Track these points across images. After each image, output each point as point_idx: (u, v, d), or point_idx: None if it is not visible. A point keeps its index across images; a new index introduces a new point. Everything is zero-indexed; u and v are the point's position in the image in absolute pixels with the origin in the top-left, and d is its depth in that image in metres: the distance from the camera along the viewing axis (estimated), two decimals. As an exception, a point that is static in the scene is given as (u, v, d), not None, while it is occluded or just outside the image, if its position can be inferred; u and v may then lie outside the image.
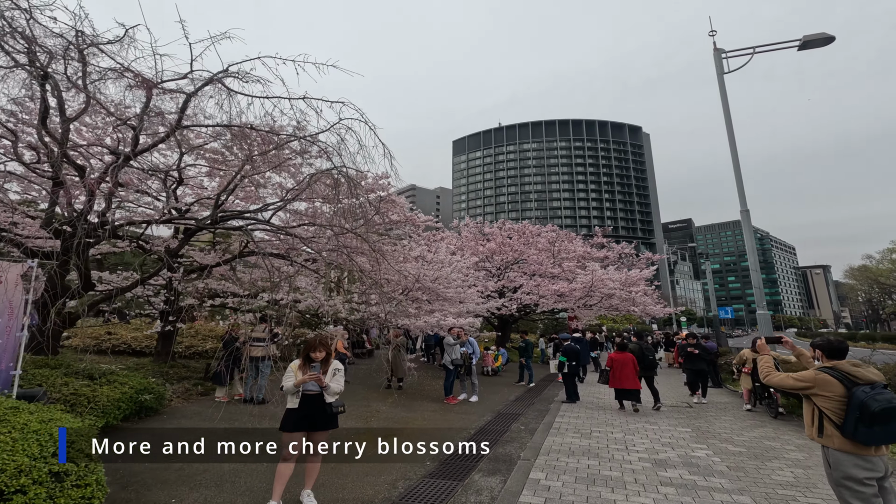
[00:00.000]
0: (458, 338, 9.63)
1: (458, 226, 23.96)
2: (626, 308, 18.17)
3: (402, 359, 10.41)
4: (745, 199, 13.34)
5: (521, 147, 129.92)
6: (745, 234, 13.07)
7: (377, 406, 8.49)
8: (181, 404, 7.85)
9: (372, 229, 10.37)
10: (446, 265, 11.98)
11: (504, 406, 9.12)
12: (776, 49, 14.34)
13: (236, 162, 9.55)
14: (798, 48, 13.92)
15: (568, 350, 9.83)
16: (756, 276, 12.85)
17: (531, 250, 20.19)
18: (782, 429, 7.30)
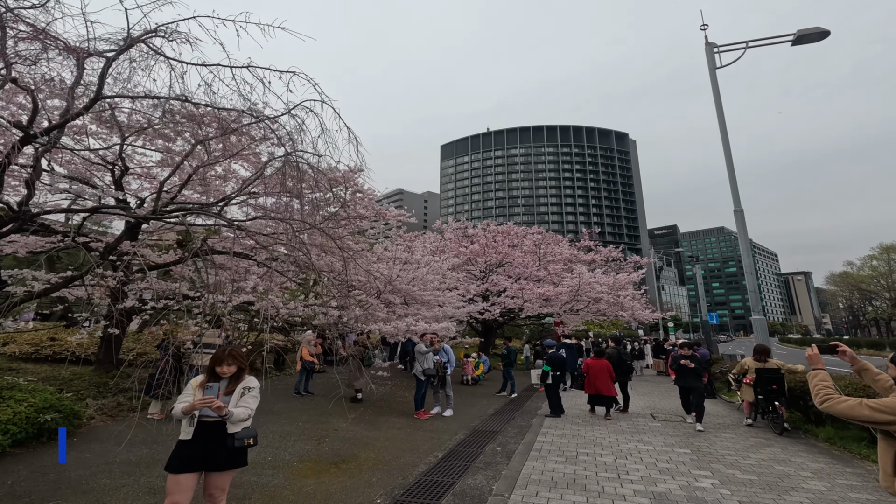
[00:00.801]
0: (431, 345, 8.68)
1: (440, 226, 23.07)
2: (615, 313, 17.39)
3: (356, 368, 9.42)
4: (739, 199, 12.68)
5: (509, 152, 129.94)
6: (739, 234, 12.36)
7: (336, 423, 7.47)
8: (104, 423, 6.74)
9: (339, 225, 9.43)
10: (422, 266, 11.03)
11: (481, 422, 8.16)
12: (770, 44, 13.72)
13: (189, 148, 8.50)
14: (792, 43, 13.33)
15: (553, 359, 8.90)
16: (751, 279, 12.13)
17: (516, 252, 19.34)
18: (791, 448, 6.47)
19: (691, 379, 8.18)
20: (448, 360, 9.03)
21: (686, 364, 8.15)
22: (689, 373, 8.17)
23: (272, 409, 8.37)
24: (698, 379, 8.12)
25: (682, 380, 8.37)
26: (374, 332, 8.91)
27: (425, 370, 8.33)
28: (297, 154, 7.23)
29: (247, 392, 3.37)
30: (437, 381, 8.64)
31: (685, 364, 8.16)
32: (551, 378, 8.71)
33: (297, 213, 9.11)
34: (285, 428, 6.97)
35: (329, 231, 9.07)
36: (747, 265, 12.29)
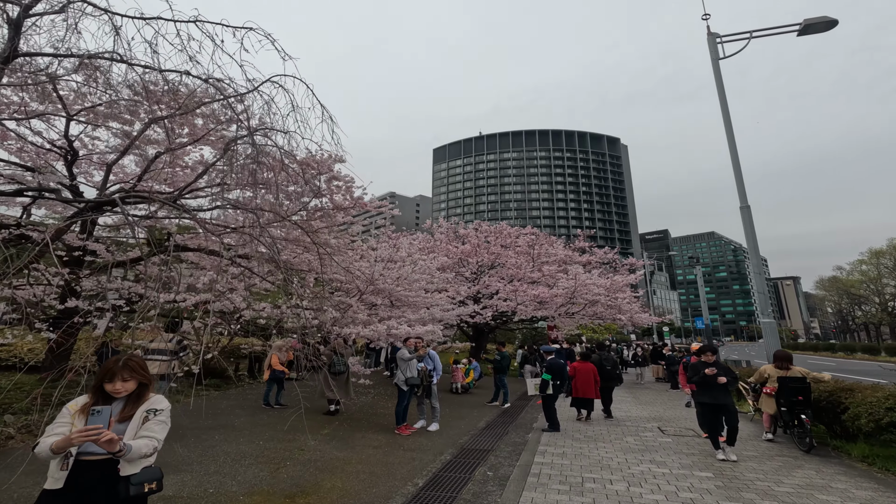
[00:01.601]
0: (416, 350, 7.75)
1: (430, 226, 22.18)
2: (612, 316, 16.58)
3: (323, 377, 8.47)
4: (745, 195, 11.98)
5: (502, 156, 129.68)
6: (746, 232, 11.64)
7: (304, 440, 6.49)
8: (25, 444, 5.71)
9: (314, 217, 8.49)
10: (408, 264, 10.11)
11: (470, 438, 7.22)
12: (774, 34, 13.05)
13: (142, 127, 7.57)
14: (797, 33, 12.69)
15: (553, 366, 8.00)
16: (759, 280, 11.37)
17: (509, 253, 18.48)
18: (826, 470, 5.62)
19: (721, 394, 6.19)
20: (434, 367, 8.09)
21: (711, 373, 6.18)
22: (717, 387, 6.19)
23: (233, 423, 7.37)
24: (729, 394, 6.29)
25: (709, 394, 6.27)
26: (350, 336, 7.96)
27: (408, 379, 7.39)
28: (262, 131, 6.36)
29: (152, 416, 2.43)
30: (421, 392, 7.70)
31: (710, 374, 6.20)
32: (552, 388, 7.82)
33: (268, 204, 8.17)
34: (242, 448, 5.98)
35: (302, 223, 8.15)
36: (755, 265, 11.54)
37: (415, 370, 7.55)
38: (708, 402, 6.29)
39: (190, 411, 8.12)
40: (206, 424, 7.18)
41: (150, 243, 9.28)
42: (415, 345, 7.69)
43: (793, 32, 12.64)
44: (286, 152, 6.73)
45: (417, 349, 7.75)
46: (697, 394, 6.54)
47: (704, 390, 6.35)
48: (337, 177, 7.46)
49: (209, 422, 7.37)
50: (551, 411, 7.81)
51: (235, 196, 7.87)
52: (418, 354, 7.51)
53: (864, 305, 77.47)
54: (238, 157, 6.72)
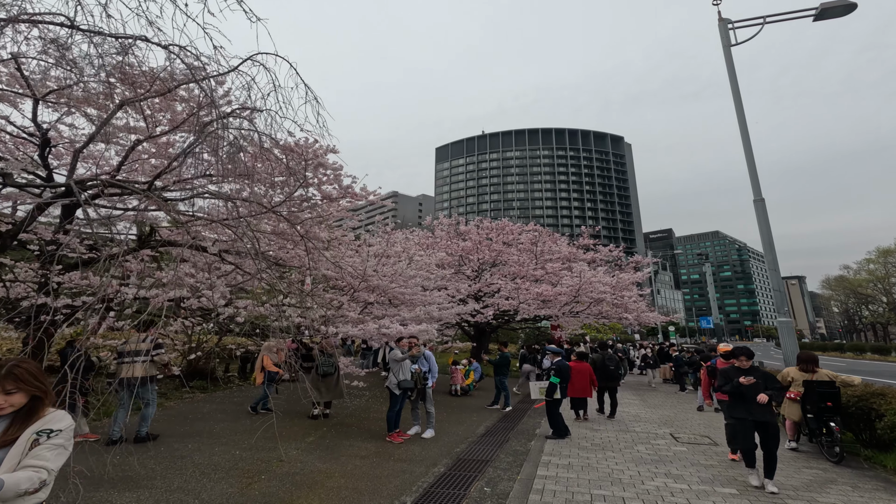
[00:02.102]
0: (410, 350, 7.21)
1: (430, 223, 21.64)
2: (618, 315, 15.98)
3: (311, 379, 7.97)
4: (760, 188, 11.42)
5: (504, 155, 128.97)
6: (761, 226, 11.05)
7: (286, 449, 5.96)
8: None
9: (301, 208, 7.96)
10: (403, 259, 9.56)
11: (468, 446, 6.66)
12: (789, 19, 12.45)
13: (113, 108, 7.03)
14: (814, 18, 12.12)
15: (562, 369, 7.43)
16: (775, 277, 10.79)
17: (511, 250, 17.92)
18: (864, 486, 5.03)
19: (761, 407, 4.86)
20: (429, 369, 7.55)
21: (747, 381, 4.86)
22: (747, 400, 4.93)
23: (212, 430, 6.83)
24: (772, 409, 4.99)
25: (744, 408, 4.95)
26: (338, 335, 7.42)
27: (400, 382, 6.83)
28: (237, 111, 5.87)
29: (44, 439, 1.88)
30: (414, 396, 7.15)
31: (746, 382, 4.87)
32: (559, 391, 7.26)
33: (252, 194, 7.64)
34: (216, 458, 5.44)
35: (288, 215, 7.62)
36: (770, 261, 10.95)
37: (408, 372, 7.00)
38: (743, 417, 4.99)
39: (169, 416, 7.61)
40: (181, 431, 6.65)
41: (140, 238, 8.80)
42: (409, 345, 7.14)
43: (809, 17, 12.07)
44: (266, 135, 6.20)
45: (411, 349, 7.21)
46: (730, 406, 5.30)
47: (738, 402, 5.08)
48: (324, 164, 6.91)
49: (186, 428, 6.84)
50: (556, 417, 7.24)
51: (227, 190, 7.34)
52: (411, 355, 6.95)
53: (871, 305, 76.51)
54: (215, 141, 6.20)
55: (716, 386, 6.06)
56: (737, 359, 5.28)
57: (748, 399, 4.96)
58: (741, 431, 5.08)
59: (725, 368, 5.43)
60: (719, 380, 5.41)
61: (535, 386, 7.70)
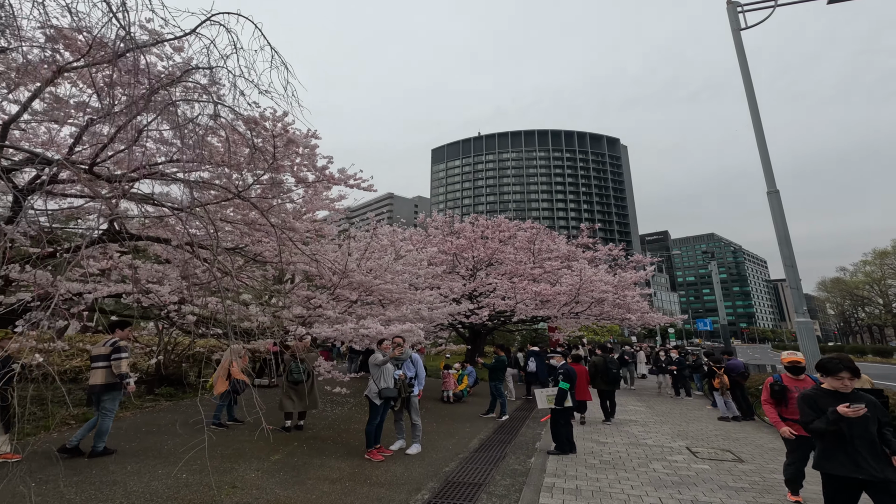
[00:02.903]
0: (401, 353, 6.34)
1: (424, 220, 20.79)
2: (620, 315, 15.15)
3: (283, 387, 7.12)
4: (774, 179, 10.68)
5: (501, 156, 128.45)
6: (774, 218, 10.30)
7: (245, 470, 5.06)
8: None
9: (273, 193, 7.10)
10: (388, 254, 8.69)
11: (458, 464, 5.78)
12: (800, 1, 11.78)
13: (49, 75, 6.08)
14: (828, 1, 11.47)
15: (570, 373, 6.58)
16: (792, 274, 10.01)
17: (508, 248, 17.08)
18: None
19: (871, 459, 3.06)
20: (416, 374, 6.67)
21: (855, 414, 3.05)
22: (864, 443, 3.09)
23: (163, 446, 5.91)
24: (890, 462, 3.04)
25: (845, 458, 3.13)
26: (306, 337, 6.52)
27: (381, 390, 5.95)
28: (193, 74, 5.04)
29: None
30: (398, 405, 6.27)
31: (851, 413, 3.05)
32: (570, 399, 6.41)
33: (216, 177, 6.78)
34: (154, 485, 4.54)
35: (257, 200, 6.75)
36: (785, 256, 10.19)
37: (391, 379, 6.12)
38: (844, 474, 3.10)
39: (121, 429, 6.69)
40: (126, 448, 5.74)
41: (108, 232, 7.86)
42: (395, 343, 6.25)
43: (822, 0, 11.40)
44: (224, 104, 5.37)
45: (395, 351, 6.35)
46: (822, 455, 3.26)
47: (836, 448, 3.16)
48: (295, 139, 6.04)
49: (133, 444, 5.93)
50: (562, 429, 6.36)
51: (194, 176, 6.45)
52: (392, 357, 6.07)
53: (867, 307, 76.27)
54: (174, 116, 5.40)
55: (801, 419, 3.55)
56: (833, 375, 3.25)
57: (854, 442, 3.08)
58: (838, 496, 3.17)
59: (808, 393, 3.44)
60: (801, 411, 3.44)
61: (542, 394, 6.80)
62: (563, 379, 6.51)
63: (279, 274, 10.13)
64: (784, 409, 4.61)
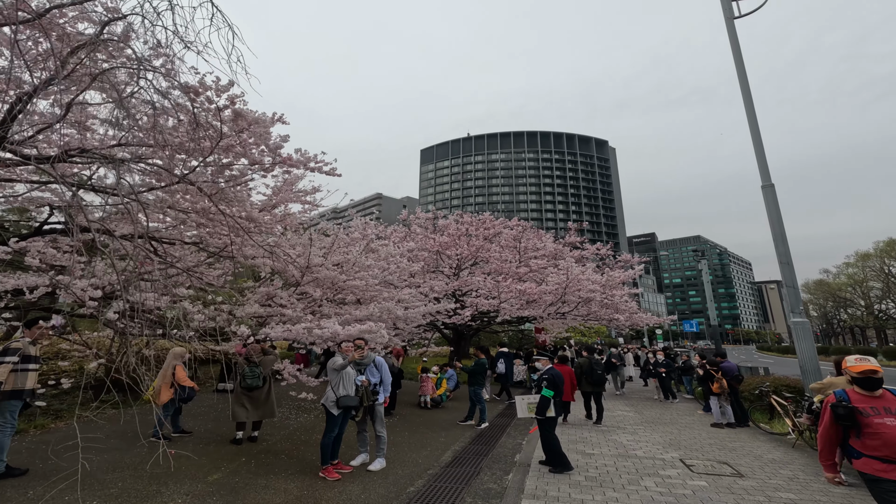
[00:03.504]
0: (362, 355, 5.64)
1: (407, 217, 20.09)
2: (608, 316, 14.60)
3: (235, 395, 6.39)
4: (769, 173, 10.22)
5: (490, 157, 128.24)
6: (770, 213, 9.82)
7: (172, 494, 4.31)
8: None
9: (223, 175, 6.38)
10: (358, 247, 7.98)
11: (426, 483, 5.09)
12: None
13: None
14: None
15: (556, 380, 5.89)
16: (788, 272, 9.51)
17: (493, 247, 16.46)
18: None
19: None
20: (381, 380, 5.97)
21: None
22: None
23: (84, 466, 5.11)
24: None
25: None
26: (246, 337, 5.77)
27: (340, 399, 5.23)
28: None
29: None
30: (359, 415, 5.56)
31: None
32: (553, 407, 5.73)
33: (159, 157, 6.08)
34: (52, 516, 3.77)
35: (205, 185, 6.02)
36: (781, 253, 9.70)
37: (351, 385, 5.41)
38: None
39: (41, 443, 5.88)
40: (40, 468, 4.94)
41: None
42: (353, 348, 5.54)
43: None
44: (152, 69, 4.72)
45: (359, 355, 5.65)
46: None
47: None
48: (243, 113, 5.30)
49: (51, 462, 5.13)
50: (553, 441, 5.67)
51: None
52: (352, 360, 5.36)
53: (849, 308, 77.24)
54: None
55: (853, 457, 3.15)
56: None
57: None
58: None
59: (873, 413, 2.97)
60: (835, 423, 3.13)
61: (523, 402, 6.13)
62: (547, 385, 5.82)
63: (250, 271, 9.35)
64: (856, 440, 3.21)
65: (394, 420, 8.67)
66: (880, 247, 68.82)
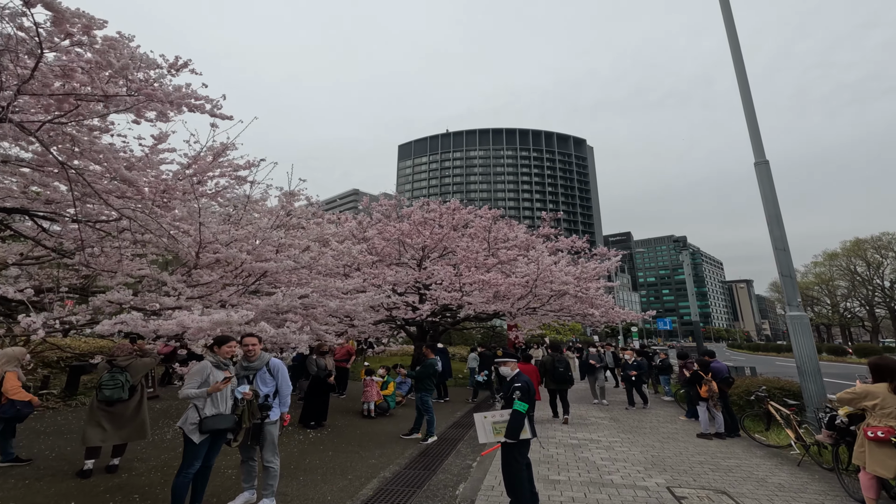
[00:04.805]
0: (238, 360, 4.11)
1: (367, 204, 18.53)
2: (583, 311, 13.34)
3: (90, 410, 4.80)
4: (763, 148, 9.15)
5: (468, 154, 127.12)
6: (763, 195, 8.70)
7: None
8: None
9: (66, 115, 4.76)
10: (268, 220, 6.40)
11: (318, 539, 3.59)
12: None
13: None
14: None
15: (530, 388, 4.30)
16: (784, 259, 8.38)
17: (464, 238, 15.03)
18: None
19: None
20: (276, 389, 4.42)
21: None
22: None
23: None
24: None
25: None
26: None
27: (206, 421, 3.70)
28: None
29: None
30: (238, 439, 4.02)
31: None
32: (529, 427, 4.20)
33: None
34: None
35: (30, 123, 4.45)
36: (776, 238, 8.59)
37: (225, 400, 3.87)
38: None
39: None
40: None
41: None
42: (229, 352, 3.99)
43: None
44: None
45: (247, 357, 4.12)
46: None
47: None
48: (60, 12, 3.67)
49: None
50: (520, 477, 4.14)
51: None
52: (219, 360, 3.82)
53: (816, 306, 79.05)
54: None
55: None
56: None
57: None
58: None
59: None
60: None
61: (485, 422, 4.23)
62: (519, 397, 4.24)
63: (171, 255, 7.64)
64: None
65: (323, 434, 7.15)
66: (847, 246, 70.48)
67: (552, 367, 8.99)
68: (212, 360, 3.86)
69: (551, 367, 8.99)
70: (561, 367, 8.98)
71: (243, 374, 4.21)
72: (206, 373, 3.80)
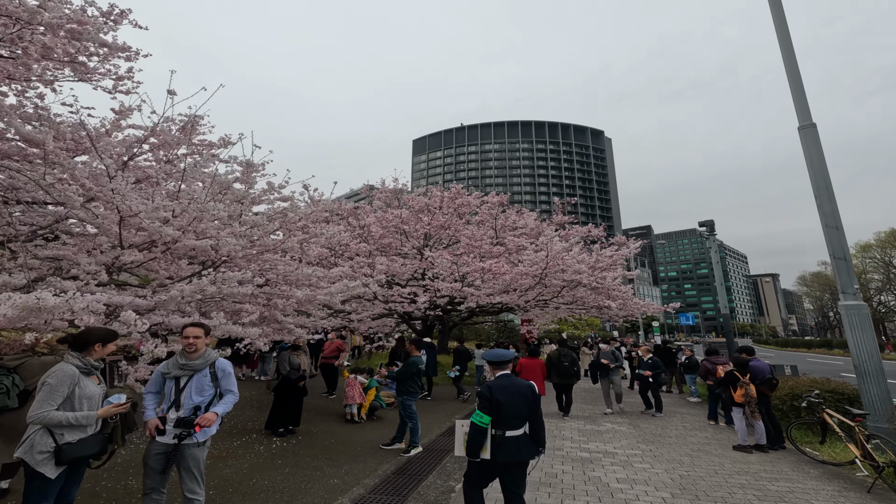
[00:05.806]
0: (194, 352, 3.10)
1: (367, 191, 17.58)
2: (599, 303, 12.11)
3: None
4: (809, 110, 7.75)
5: (483, 147, 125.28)
6: (810, 164, 7.35)
7: None
8: None
9: None
10: (221, 193, 5.40)
11: None
12: None
13: None
14: None
15: (489, 399, 3.21)
16: (837, 236, 7.04)
17: (463, 223, 13.95)
18: None
19: None
20: (216, 395, 3.37)
21: None
22: None
23: None
24: None
25: None
26: None
27: (64, 449, 2.70)
28: None
29: None
30: (99, 461, 3.01)
31: None
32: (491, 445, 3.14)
33: None
34: None
35: None
36: (827, 213, 7.25)
37: (90, 415, 2.87)
38: None
39: None
40: None
41: None
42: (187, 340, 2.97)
43: None
44: None
45: (184, 349, 3.10)
46: None
47: None
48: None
49: None
50: (471, 501, 3.14)
51: None
52: (91, 363, 2.83)
53: (848, 301, 75.48)
54: None
55: None
56: None
57: None
58: None
59: None
60: None
61: (462, 429, 3.38)
62: (479, 406, 3.21)
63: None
64: None
65: (290, 443, 6.17)
66: (881, 237, 67.01)
67: (557, 361, 8.78)
68: (78, 364, 2.85)
69: (556, 362, 8.77)
70: (566, 361, 8.74)
71: (176, 375, 3.24)
72: (72, 384, 2.79)
